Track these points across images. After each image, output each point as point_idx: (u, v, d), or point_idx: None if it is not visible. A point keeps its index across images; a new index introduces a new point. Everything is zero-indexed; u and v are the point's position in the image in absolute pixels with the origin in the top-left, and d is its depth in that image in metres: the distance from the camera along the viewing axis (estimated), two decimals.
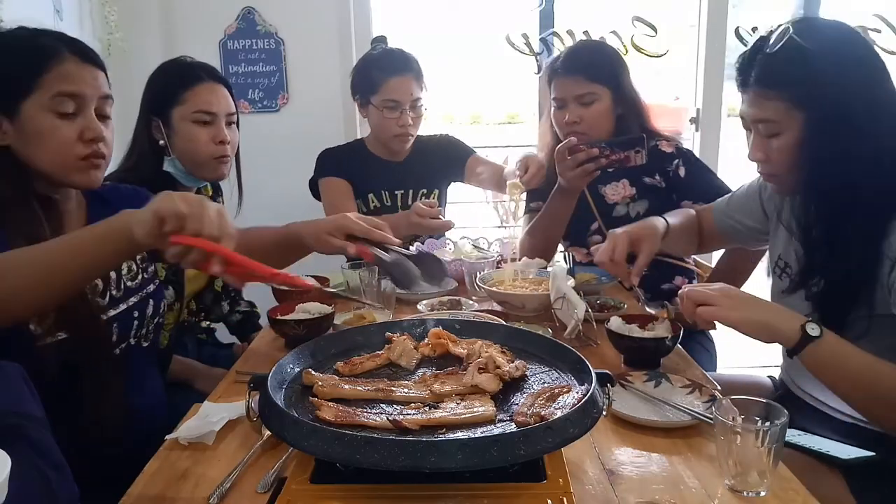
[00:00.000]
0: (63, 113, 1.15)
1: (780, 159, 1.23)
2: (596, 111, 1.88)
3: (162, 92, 1.73)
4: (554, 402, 0.88)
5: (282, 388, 0.94)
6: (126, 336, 1.28)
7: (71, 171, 1.18)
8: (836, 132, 1.15)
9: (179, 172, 1.74)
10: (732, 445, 0.89)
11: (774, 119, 1.20)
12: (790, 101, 1.17)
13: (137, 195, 1.38)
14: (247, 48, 2.83)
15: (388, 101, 2.11)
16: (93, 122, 1.18)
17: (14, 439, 0.78)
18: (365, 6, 2.87)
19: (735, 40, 2.88)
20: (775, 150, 1.22)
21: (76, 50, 1.20)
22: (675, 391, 1.19)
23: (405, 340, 1.07)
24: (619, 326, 1.36)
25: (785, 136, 1.20)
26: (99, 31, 2.57)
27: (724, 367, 2.07)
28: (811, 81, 1.15)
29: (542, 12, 2.87)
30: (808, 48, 1.15)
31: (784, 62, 1.18)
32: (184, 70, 1.75)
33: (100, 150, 1.20)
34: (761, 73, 1.20)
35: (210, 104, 1.72)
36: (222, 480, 0.94)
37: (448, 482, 0.79)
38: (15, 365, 0.87)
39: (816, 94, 1.15)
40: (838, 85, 1.14)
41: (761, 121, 1.22)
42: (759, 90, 1.21)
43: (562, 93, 1.90)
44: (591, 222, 2.01)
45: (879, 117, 1.15)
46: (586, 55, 1.97)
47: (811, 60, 1.15)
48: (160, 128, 1.71)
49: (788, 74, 1.17)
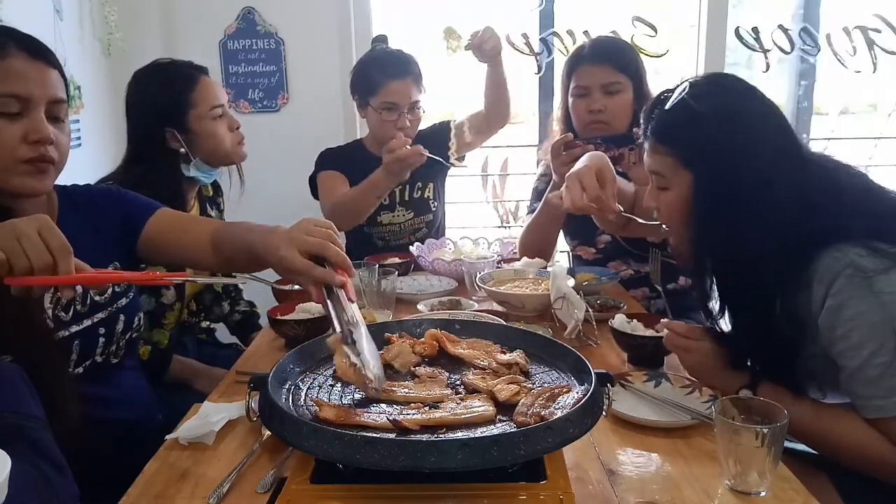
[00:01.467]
0: (5, 112, 1.06)
1: (668, 214, 1.23)
2: (620, 102, 1.87)
3: (168, 101, 1.70)
4: (554, 402, 0.88)
5: (282, 388, 0.94)
6: (90, 354, 1.21)
7: (12, 175, 1.08)
8: (720, 195, 1.12)
9: (202, 172, 1.76)
10: (732, 445, 0.89)
11: (664, 174, 1.20)
12: (679, 158, 1.17)
13: (110, 195, 1.33)
14: (247, 48, 2.83)
15: (386, 104, 2.10)
16: (40, 124, 1.08)
17: (14, 439, 0.78)
18: (365, 6, 2.87)
19: (735, 40, 2.88)
20: (664, 204, 1.23)
21: (24, 45, 1.10)
22: (675, 391, 1.19)
23: (403, 342, 1.06)
24: (623, 324, 1.36)
25: (672, 192, 1.20)
26: (99, 31, 2.57)
27: None
28: (698, 144, 1.14)
29: (542, 12, 2.87)
30: (698, 111, 1.14)
31: (674, 121, 1.18)
32: (176, 73, 1.73)
33: (47, 154, 1.10)
34: (656, 126, 1.21)
35: (217, 98, 1.75)
36: (222, 480, 0.94)
37: (448, 482, 0.79)
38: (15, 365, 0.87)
39: (703, 156, 1.14)
40: (725, 150, 1.12)
41: (654, 172, 1.23)
42: (653, 142, 1.21)
43: (587, 80, 1.88)
44: None
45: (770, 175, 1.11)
46: (614, 46, 1.98)
47: (699, 123, 1.13)
48: (176, 136, 1.69)
49: (678, 133, 1.17)
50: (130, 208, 1.32)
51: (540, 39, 2.89)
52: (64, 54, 2.24)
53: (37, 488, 0.76)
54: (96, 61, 2.57)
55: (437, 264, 1.94)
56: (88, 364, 1.21)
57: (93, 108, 2.50)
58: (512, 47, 2.88)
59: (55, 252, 0.85)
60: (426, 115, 2.22)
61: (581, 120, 1.90)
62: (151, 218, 1.30)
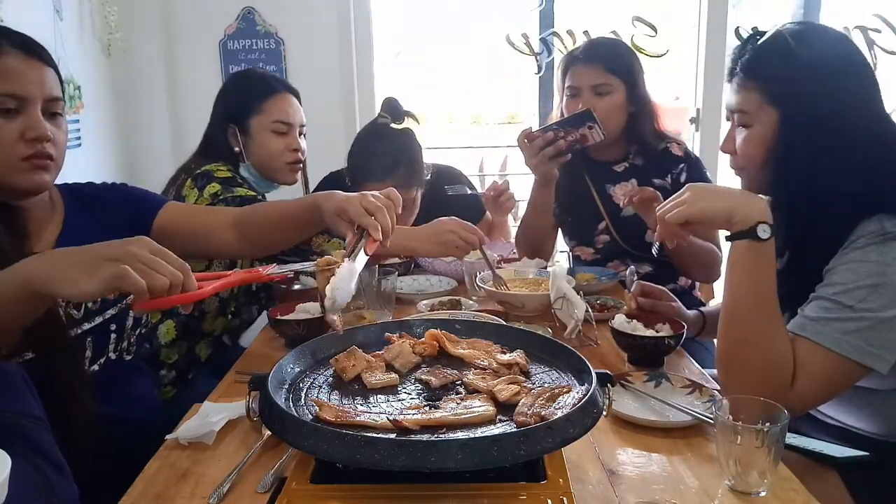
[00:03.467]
0: (2, 110, 1.06)
1: (747, 152, 1.23)
2: (609, 103, 1.87)
3: (240, 101, 1.81)
4: (554, 402, 0.88)
5: (282, 388, 0.94)
6: (103, 351, 1.22)
7: (11, 173, 1.08)
8: (805, 136, 1.14)
9: (253, 177, 1.82)
10: (732, 445, 0.89)
11: (748, 110, 1.20)
12: (766, 94, 1.17)
13: (117, 192, 1.34)
14: (247, 48, 2.84)
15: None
16: (37, 121, 1.09)
17: (14, 439, 0.78)
18: (365, 6, 2.87)
19: (735, 40, 2.88)
20: (744, 141, 1.22)
21: (19, 44, 1.10)
22: (675, 391, 1.19)
23: (403, 342, 1.06)
24: (623, 324, 1.36)
25: (755, 129, 1.20)
26: (99, 31, 2.57)
27: None
28: (789, 80, 1.15)
29: (542, 12, 2.87)
30: (794, 47, 1.15)
31: (768, 56, 1.18)
32: (262, 81, 1.85)
33: (45, 151, 1.10)
34: (747, 62, 1.21)
35: (287, 115, 1.83)
36: (222, 480, 0.94)
37: (448, 482, 0.79)
38: (15, 365, 0.87)
39: (792, 93, 1.15)
40: (816, 90, 1.13)
41: (738, 110, 1.23)
42: (741, 79, 1.21)
43: (578, 81, 1.89)
44: (599, 222, 2.00)
45: (854, 129, 1.13)
46: (607, 47, 1.97)
47: (794, 60, 1.15)
48: (236, 135, 1.80)
49: (769, 68, 1.18)
50: (139, 203, 1.34)
51: (540, 39, 2.89)
52: (64, 54, 2.24)
53: (37, 488, 0.76)
54: (96, 61, 2.57)
55: (437, 264, 1.94)
56: (103, 361, 1.23)
57: (93, 108, 2.50)
58: (512, 47, 2.88)
59: (181, 269, 0.85)
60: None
61: None
62: (161, 211, 1.33)
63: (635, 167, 1.95)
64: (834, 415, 1.25)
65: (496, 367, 1.00)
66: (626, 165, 1.96)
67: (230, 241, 1.34)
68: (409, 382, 0.99)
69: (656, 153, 1.95)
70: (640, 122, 1.92)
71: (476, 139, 5.19)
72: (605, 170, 1.98)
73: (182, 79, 2.82)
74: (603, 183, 1.95)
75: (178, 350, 1.72)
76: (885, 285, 1.05)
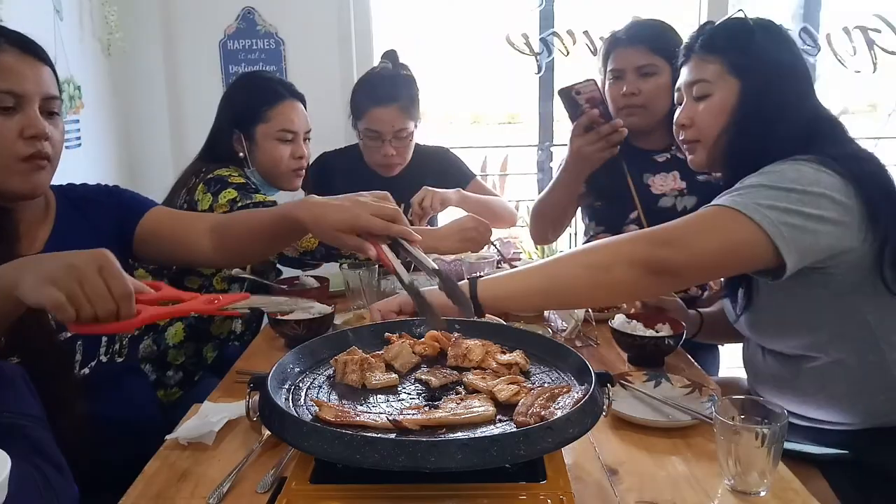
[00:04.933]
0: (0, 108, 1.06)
1: (706, 120, 1.28)
2: (655, 84, 1.81)
3: (245, 107, 1.79)
4: (554, 402, 0.88)
5: (282, 388, 0.94)
6: (94, 354, 1.22)
7: (11, 174, 1.08)
8: (764, 104, 1.22)
9: (258, 182, 1.81)
10: (732, 445, 0.89)
11: (709, 79, 1.27)
12: (727, 66, 1.26)
13: (108, 194, 1.33)
14: (247, 48, 2.83)
15: (369, 131, 2.06)
16: (35, 119, 1.08)
17: (14, 439, 0.78)
18: (365, 6, 2.86)
19: None
20: (702, 111, 1.29)
21: (16, 42, 1.09)
22: (675, 391, 1.19)
23: (404, 342, 1.06)
24: (623, 324, 1.36)
25: (715, 97, 1.27)
26: (99, 31, 2.57)
27: (726, 367, 2.07)
28: (750, 52, 1.24)
29: (542, 12, 2.87)
30: (750, 26, 1.26)
31: (727, 32, 1.29)
32: (267, 87, 1.83)
33: (44, 150, 1.09)
34: (705, 39, 1.29)
35: (293, 123, 1.81)
36: (222, 480, 0.94)
37: (448, 482, 0.79)
38: (15, 365, 0.87)
39: (753, 64, 1.24)
40: (774, 62, 1.23)
41: (696, 82, 1.29)
42: (700, 55, 1.29)
43: (621, 63, 1.83)
44: (631, 211, 1.90)
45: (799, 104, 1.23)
46: (652, 27, 1.90)
47: (752, 36, 1.25)
48: (241, 140, 1.79)
49: (730, 42, 1.27)
50: (127, 207, 1.32)
51: (540, 39, 2.89)
52: (64, 54, 2.24)
53: (37, 488, 0.76)
54: (96, 61, 2.57)
55: (437, 264, 1.93)
56: (94, 364, 1.21)
57: (93, 108, 2.50)
58: (512, 47, 2.88)
59: (118, 300, 0.84)
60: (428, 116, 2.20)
61: (616, 103, 1.83)
62: (146, 215, 1.30)
63: (678, 160, 1.84)
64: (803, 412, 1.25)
65: (496, 368, 1.00)
66: (668, 156, 1.88)
67: (206, 248, 1.28)
68: (409, 382, 0.99)
69: None
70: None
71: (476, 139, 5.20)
72: (646, 158, 1.89)
73: (182, 79, 2.82)
74: (641, 172, 1.86)
75: (185, 352, 1.73)
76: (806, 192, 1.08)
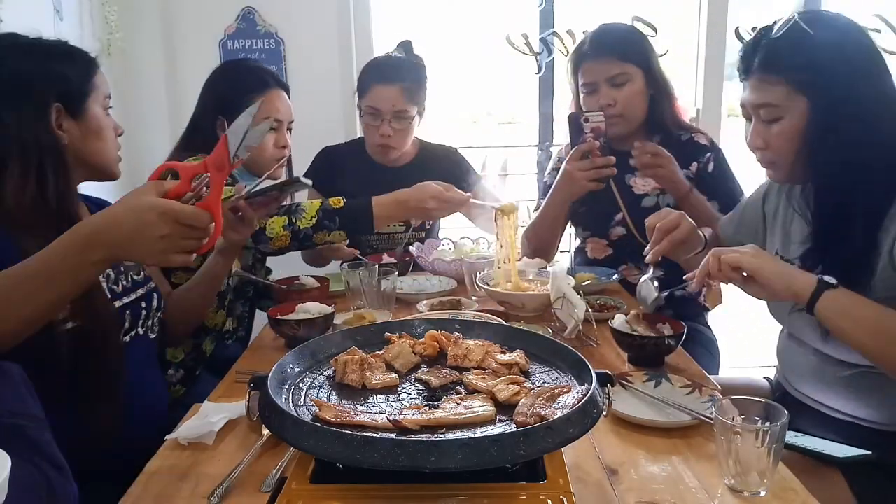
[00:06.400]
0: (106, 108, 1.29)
1: (780, 144, 1.23)
2: (630, 92, 1.83)
3: (230, 95, 1.77)
4: (554, 402, 0.88)
5: (282, 388, 0.94)
6: (136, 324, 1.31)
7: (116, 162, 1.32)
8: (838, 117, 1.16)
9: (238, 171, 1.80)
10: (732, 445, 0.89)
11: (776, 103, 1.21)
12: (792, 85, 1.19)
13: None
14: (247, 48, 2.83)
15: (369, 108, 2.07)
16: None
17: (14, 439, 0.78)
18: (365, 6, 2.86)
19: (735, 40, 2.88)
20: (775, 136, 1.23)
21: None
22: (675, 391, 1.19)
23: (404, 342, 1.06)
24: (623, 324, 1.36)
25: (786, 121, 1.21)
26: (99, 31, 2.57)
27: (725, 367, 2.07)
28: (814, 66, 1.17)
29: (542, 12, 2.87)
30: (811, 34, 1.17)
31: (787, 47, 1.20)
32: (254, 75, 1.82)
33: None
34: (764, 57, 1.21)
35: (279, 111, 1.81)
36: (222, 480, 0.94)
37: (448, 482, 0.79)
38: (15, 365, 0.87)
39: (819, 78, 1.17)
40: (840, 71, 1.16)
41: (763, 105, 1.23)
42: (761, 75, 1.22)
43: (592, 76, 1.84)
44: (616, 213, 1.95)
45: (876, 103, 1.16)
46: (615, 35, 1.90)
47: (814, 46, 1.17)
48: (225, 126, 1.75)
49: (792, 59, 1.19)
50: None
51: (540, 39, 2.89)
52: None
53: (37, 488, 0.76)
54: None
55: (437, 264, 1.94)
56: (133, 335, 1.31)
57: None
58: (512, 47, 2.88)
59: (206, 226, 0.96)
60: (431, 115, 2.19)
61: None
62: None
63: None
64: (840, 407, 1.25)
65: (496, 367, 1.00)
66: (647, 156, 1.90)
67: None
68: (409, 382, 0.99)
69: (679, 143, 1.90)
70: (660, 103, 1.88)
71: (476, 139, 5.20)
72: (626, 160, 1.89)
73: (182, 79, 2.82)
74: (623, 173, 1.88)
75: (184, 348, 1.72)
76: None
